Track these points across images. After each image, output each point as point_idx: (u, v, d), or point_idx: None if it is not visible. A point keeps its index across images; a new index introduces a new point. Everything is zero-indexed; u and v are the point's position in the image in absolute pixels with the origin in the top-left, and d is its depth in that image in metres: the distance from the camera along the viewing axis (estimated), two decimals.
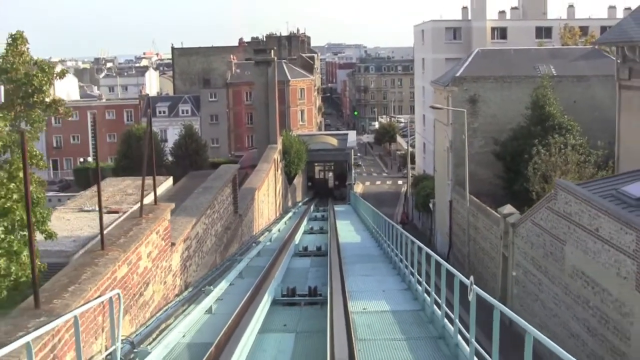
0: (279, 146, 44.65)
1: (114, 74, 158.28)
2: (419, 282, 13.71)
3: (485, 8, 68.30)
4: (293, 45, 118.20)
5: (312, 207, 46.19)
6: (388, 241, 21.00)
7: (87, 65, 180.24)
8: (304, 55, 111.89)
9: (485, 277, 30.19)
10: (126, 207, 26.85)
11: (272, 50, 46.19)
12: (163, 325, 10.39)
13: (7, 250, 10.81)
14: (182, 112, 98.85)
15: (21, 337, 5.89)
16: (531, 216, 23.66)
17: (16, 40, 13.31)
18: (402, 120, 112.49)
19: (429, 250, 13.51)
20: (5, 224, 10.74)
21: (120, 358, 8.20)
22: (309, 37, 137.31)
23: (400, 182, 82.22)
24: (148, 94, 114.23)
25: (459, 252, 36.12)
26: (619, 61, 24.05)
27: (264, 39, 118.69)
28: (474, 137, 37.33)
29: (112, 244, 9.27)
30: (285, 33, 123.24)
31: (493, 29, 68.70)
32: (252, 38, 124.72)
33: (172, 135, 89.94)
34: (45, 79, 13.23)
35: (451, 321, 10.62)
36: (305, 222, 33.17)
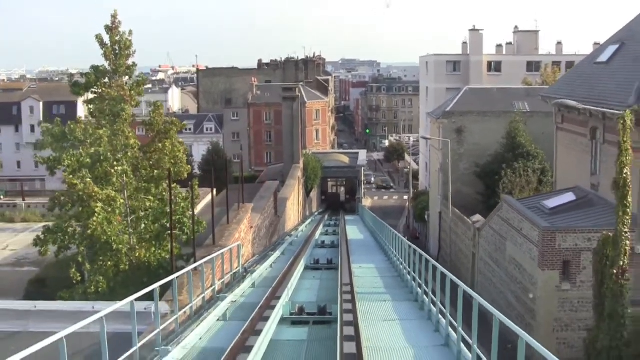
0: (301, 165, 53.46)
1: None
2: (393, 254, 22.67)
3: (482, 44, 76.27)
4: (309, 69, 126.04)
5: (326, 217, 55.01)
6: (381, 235, 29.96)
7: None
8: (319, 78, 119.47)
9: (462, 271, 38.69)
10: None
11: (297, 89, 55.47)
12: (252, 268, 19.26)
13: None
14: (207, 130, 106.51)
15: (216, 251, 14.74)
16: (489, 222, 32.32)
17: (158, 106, 22.25)
18: (411, 139, 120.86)
19: (398, 234, 22.31)
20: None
21: (242, 272, 17.12)
22: (324, 60, 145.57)
23: (406, 197, 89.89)
24: (175, 111, 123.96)
25: (445, 253, 44.75)
26: (555, 109, 32.60)
27: (282, 62, 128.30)
28: (460, 161, 46.02)
29: (231, 222, 18.21)
30: (301, 54, 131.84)
31: (489, 62, 76.88)
32: (271, 60, 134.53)
33: (198, 151, 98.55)
34: (175, 129, 22.11)
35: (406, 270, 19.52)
36: (321, 227, 41.97)
